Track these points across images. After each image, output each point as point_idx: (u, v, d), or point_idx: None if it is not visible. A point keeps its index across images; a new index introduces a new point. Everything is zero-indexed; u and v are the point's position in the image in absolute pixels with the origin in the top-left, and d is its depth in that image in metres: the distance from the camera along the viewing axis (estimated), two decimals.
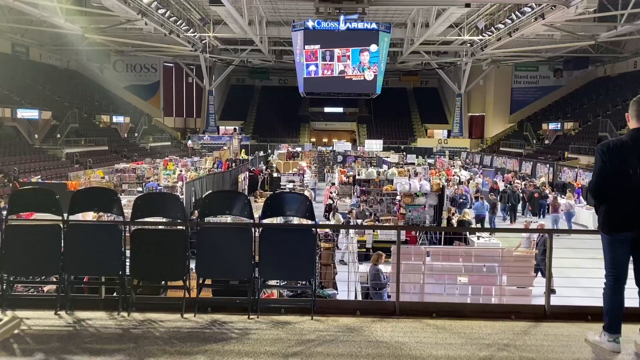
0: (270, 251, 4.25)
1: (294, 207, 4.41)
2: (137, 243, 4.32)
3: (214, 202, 4.46)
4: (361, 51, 29.47)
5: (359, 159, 32.81)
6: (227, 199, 4.64)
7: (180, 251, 4.28)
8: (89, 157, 33.39)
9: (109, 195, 4.47)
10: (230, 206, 4.47)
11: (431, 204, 15.01)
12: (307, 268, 4.28)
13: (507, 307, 4.66)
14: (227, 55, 51.48)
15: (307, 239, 4.25)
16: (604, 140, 4.18)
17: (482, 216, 18.81)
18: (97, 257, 4.27)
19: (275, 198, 4.41)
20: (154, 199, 4.68)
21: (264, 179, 23.73)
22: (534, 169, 31.22)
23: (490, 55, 48.83)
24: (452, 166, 35.06)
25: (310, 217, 4.30)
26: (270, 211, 4.41)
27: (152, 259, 4.29)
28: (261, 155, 36.67)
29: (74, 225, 4.34)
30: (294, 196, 4.46)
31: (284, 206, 4.45)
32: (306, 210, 4.33)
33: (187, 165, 31.86)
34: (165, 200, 4.65)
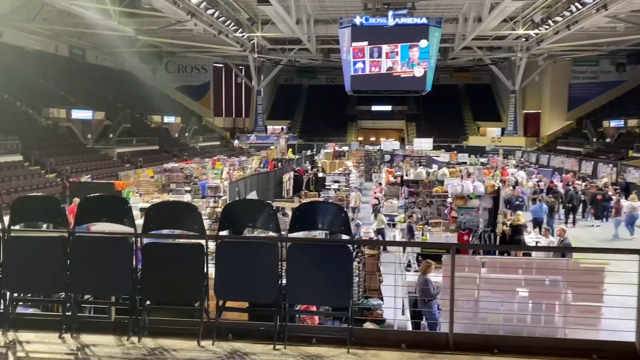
0: (300, 270, 3.73)
1: (327, 220, 3.84)
2: (149, 259, 3.88)
3: (236, 212, 3.99)
4: (410, 47, 28.59)
5: (408, 159, 31.92)
6: (250, 209, 4.11)
7: (198, 269, 3.80)
8: (140, 157, 33.97)
9: (119, 203, 4.04)
10: (254, 217, 3.97)
11: (485, 206, 14.06)
12: (342, 291, 3.70)
13: (586, 343, 3.93)
14: (275, 54, 51.57)
15: (343, 257, 3.69)
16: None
17: (540, 219, 17.66)
18: (105, 274, 3.86)
19: (306, 209, 3.85)
20: (168, 209, 4.21)
21: (309, 179, 23.31)
22: (595, 168, 29.41)
23: (546, 50, 46.73)
24: (507, 166, 33.59)
25: (346, 231, 3.72)
26: (299, 224, 3.87)
27: (166, 277, 3.84)
28: (307, 154, 36.32)
29: (80, 237, 3.93)
30: (328, 207, 3.89)
31: (316, 218, 3.87)
32: (342, 223, 3.75)
33: (234, 164, 31.85)
34: (181, 211, 4.12)
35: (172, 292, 3.90)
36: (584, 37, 41.62)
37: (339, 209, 3.85)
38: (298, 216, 3.88)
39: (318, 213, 3.93)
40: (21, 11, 33.20)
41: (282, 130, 55.98)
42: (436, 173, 16.55)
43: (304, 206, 4.11)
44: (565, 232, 13.11)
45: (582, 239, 18.66)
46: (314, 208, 4.01)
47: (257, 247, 3.91)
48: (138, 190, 22.45)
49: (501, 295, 7.39)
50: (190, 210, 3.98)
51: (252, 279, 3.77)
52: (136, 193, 21.32)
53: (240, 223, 4.19)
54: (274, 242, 3.77)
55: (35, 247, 3.90)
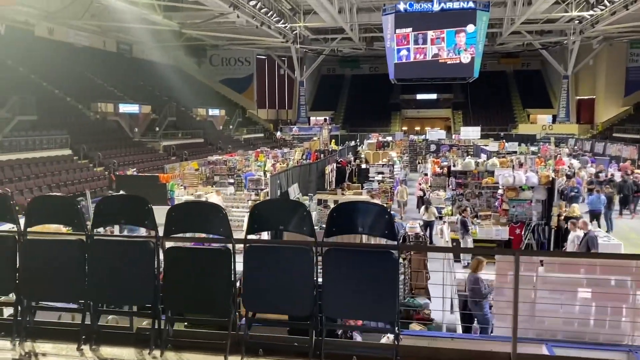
0: (337, 280, 3.33)
1: (368, 222, 3.41)
2: (172, 264, 3.57)
3: (265, 212, 3.60)
4: (457, 32, 27.64)
5: (454, 148, 30.96)
6: (281, 210, 3.72)
7: (225, 277, 3.46)
8: (185, 150, 34.37)
9: (139, 204, 3.69)
10: (286, 219, 3.57)
11: (539, 198, 13.31)
12: (387, 304, 3.29)
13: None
14: (317, 45, 51.17)
15: (388, 265, 3.27)
16: None
17: (598, 211, 16.60)
18: (124, 281, 3.58)
19: (343, 210, 3.38)
20: (191, 210, 3.79)
21: (352, 170, 22.85)
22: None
23: (602, 32, 44.37)
24: (559, 154, 32.13)
25: (390, 235, 3.30)
26: (336, 227, 3.44)
27: (190, 285, 3.53)
28: (350, 145, 35.83)
29: (98, 241, 3.67)
30: (369, 207, 3.41)
31: (356, 220, 3.41)
32: (385, 226, 3.32)
33: (277, 156, 31.78)
34: (205, 212, 3.72)
35: (196, 302, 3.59)
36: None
37: (382, 210, 3.44)
38: (335, 218, 3.44)
39: (358, 214, 3.42)
40: (70, 9, 34.01)
41: (325, 121, 55.62)
42: (485, 163, 15.85)
43: (342, 207, 3.51)
44: (587, 225, 12.05)
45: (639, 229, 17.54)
46: (353, 208, 3.46)
47: (290, 252, 3.51)
48: (182, 183, 22.65)
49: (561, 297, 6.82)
50: (215, 211, 3.58)
51: (285, 288, 3.41)
52: (181, 186, 21.49)
53: (271, 225, 3.81)
54: (308, 247, 3.39)
55: (51, 251, 3.68)
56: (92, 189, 21.94)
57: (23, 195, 18.76)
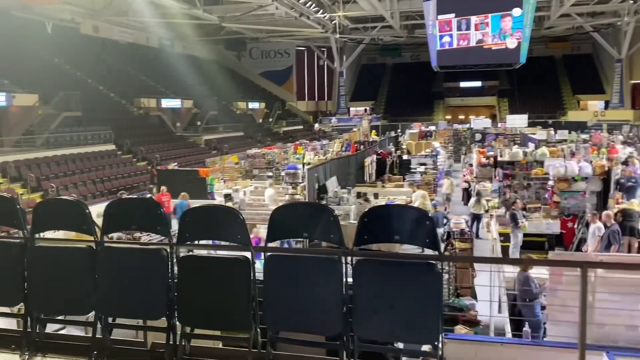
0: (370, 295, 2.92)
1: (406, 229, 2.94)
2: (186, 275, 3.25)
3: (287, 218, 3.20)
4: (502, 17, 26.47)
5: (500, 137, 29.84)
6: (305, 215, 3.28)
7: (244, 289, 3.11)
8: (226, 143, 34.53)
9: (150, 208, 3.40)
10: (310, 226, 3.15)
11: (593, 190, 12.49)
12: (428, 325, 2.85)
13: None
14: (357, 34, 50.43)
15: (429, 279, 2.83)
16: None
17: None
18: (135, 292, 3.28)
19: (376, 214, 3.02)
20: (206, 215, 3.40)
21: (392, 161, 22.26)
22: None
23: None
24: (613, 142, 30.47)
25: (432, 244, 2.85)
26: (368, 234, 3.00)
27: (207, 297, 3.21)
28: (391, 136, 35.13)
29: (108, 249, 3.38)
30: (407, 212, 2.99)
31: (391, 227, 2.95)
32: (426, 234, 2.85)
33: (316, 148, 31.47)
34: (221, 217, 3.32)
35: (213, 316, 3.25)
36: None
37: (422, 215, 2.95)
38: (367, 224, 2.98)
39: (393, 220, 2.95)
40: (114, 6, 34.60)
41: (365, 111, 54.92)
42: (534, 153, 15.09)
43: (375, 211, 3.07)
44: (610, 217, 11.10)
45: None
46: (388, 213, 3.01)
47: (315, 263, 3.10)
48: (222, 177, 22.67)
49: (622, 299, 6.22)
50: (232, 216, 3.22)
51: (310, 303, 3.03)
52: (220, 179, 21.50)
53: (293, 233, 3.43)
54: (336, 258, 2.97)
55: (59, 259, 3.42)
56: (135, 183, 22.24)
57: (68, 190, 19.15)
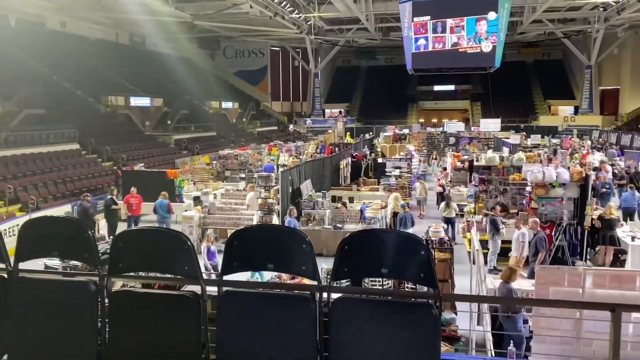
0: (351, 342, 2.37)
1: (394, 260, 2.34)
2: (120, 315, 2.63)
3: (249, 244, 2.53)
4: (477, 20, 26.43)
5: (474, 141, 29.85)
6: (271, 240, 2.57)
7: (193, 334, 2.52)
8: (197, 144, 33.71)
9: (75, 230, 2.71)
10: (278, 254, 2.50)
11: (570, 196, 12.30)
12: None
13: None
14: (332, 35, 50.14)
15: (424, 324, 2.29)
16: None
17: (633, 209, 15.50)
18: (56, 335, 2.64)
19: (359, 241, 2.41)
20: (146, 241, 2.68)
21: (367, 164, 21.93)
22: None
23: (627, 20, 42.72)
24: (582, 147, 30.83)
25: (427, 280, 2.30)
26: (349, 266, 2.40)
27: (145, 343, 2.59)
28: (366, 138, 34.86)
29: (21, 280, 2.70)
30: (397, 238, 2.39)
31: (376, 257, 2.35)
32: (420, 266, 2.29)
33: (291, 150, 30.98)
34: (165, 244, 2.61)
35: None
36: None
37: (416, 243, 2.34)
38: (347, 253, 2.37)
39: (380, 248, 2.34)
40: (83, 1, 33.46)
41: (340, 113, 54.64)
42: (511, 158, 14.86)
43: (358, 237, 2.44)
44: (537, 224, 11.09)
45: None
46: (374, 240, 2.38)
47: (283, 301, 2.49)
48: (192, 178, 21.97)
49: None
50: (178, 242, 2.51)
51: (275, 352, 2.44)
52: (190, 181, 20.80)
53: (256, 263, 2.67)
54: (309, 295, 2.41)
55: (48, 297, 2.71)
56: (100, 184, 21.35)
57: (27, 192, 18.19)
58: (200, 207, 15.53)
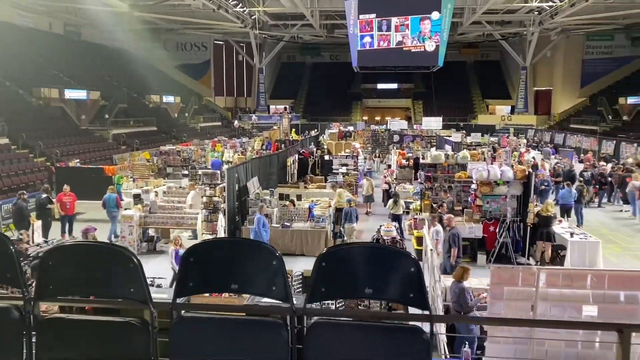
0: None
1: (379, 278, 2.04)
2: (51, 347, 2.18)
3: (209, 261, 2.14)
4: (421, 19, 26.84)
5: (418, 139, 30.35)
6: (235, 256, 2.15)
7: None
8: (137, 139, 32.49)
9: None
10: (243, 272, 2.13)
11: (514, 193, 12.62)
12: None
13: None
14: (277, 31, 49.63)
15: (413, 350, 1.99)
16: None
17: (569, 205, 16.15)
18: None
19: (339, 257, 2.09)
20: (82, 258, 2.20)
21: (314, 161, 21.79)
22: (617, 148, 27.79)
23: (560, 23, 44.69)
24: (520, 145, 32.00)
25: (417, 300, 2.02)
26: (327, 286, 2.08)
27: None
28: (311, 135, 34.76)
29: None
30: (383, 254, 2.09)
31: (359, 275, 2.06)
32: (409, 286, 2.02)
33: (236, 146, 30.44)
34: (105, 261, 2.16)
35: None
36: (601, 9, 39.59)
37: (404, 258, 2.04)
38: (325, 271, 2.06)
39: (364, 265, 2.05)
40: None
41: (285, 109, 54.30)
42: (456, 156, 15.10)
43: (337, 253, 2.11)
44: (452, 220, 11.15)
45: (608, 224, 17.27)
46: (356, 255, 2.07)
47: (250, 328, 2.11)
48: (132, 175, 21.10)
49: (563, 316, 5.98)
50: (123, 259, 2.08)
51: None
52: (129, 178, 19.94)
53: (218, 283, 2.22)
54: (280, 321, 2.09)
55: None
56: (31, 181, 20.12)
57: None
58: (141, 205, 14.88)
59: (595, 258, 12.08)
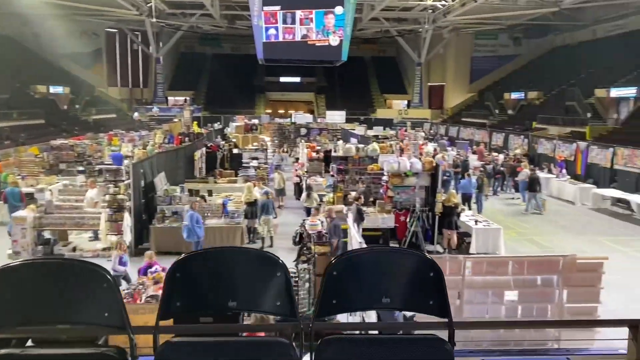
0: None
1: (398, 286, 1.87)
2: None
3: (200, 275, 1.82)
4: (326, 13, 26.83)
5: (324, 132, 30.67)
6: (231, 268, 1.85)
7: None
8: (22, 132, 29.78)
9: None
10: (241, 286, 1.85)
11: (422, 184, 13.14)
12: None
13: None
14: (175, 20, 47.71)
15: (441, 357, 1.79)
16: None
17: (469, 195, 17.16)
18: None
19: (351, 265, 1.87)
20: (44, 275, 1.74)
21: (223, 155, 21.24)
22: (506, 140, 29.98)
23: (451, 22, 47.25)
24: (417, 138, 33.49)
25: (438, 307, 1.87)
26: (339, 297, 1.85)
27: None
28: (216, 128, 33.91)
29: None
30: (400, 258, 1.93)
31: (374, 283, 1.85)
32: (430, 292, 1.86)
33: (134, 140, 28.97)
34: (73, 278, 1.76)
35: None
36: (487, 10, 42.43)
37: (424, 262, 1.87)
38: (336, 281, 1.83)
39: (380, 272, 1.84)
40: None
41: (186, 101, 52.51)
42: (366, 149, 15.42)
43: (349, 260, 1.88)
44: (333, 212, 11.25)
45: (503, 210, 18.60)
46: (371, 263, 1.87)
47: (249, 351, 1.80)
48: (20, 172, 19.33)
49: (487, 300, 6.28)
50: (91, 277, 1.72)
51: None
52: (17, 175, 18.21)
53: (212, 301, 1.86)
54: (287, 341, 1.80)
55: None
56: None
57: None
58: (35, 205, 13.65)
59: (498, 243, 12.94)
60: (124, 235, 12.42)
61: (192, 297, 1.84)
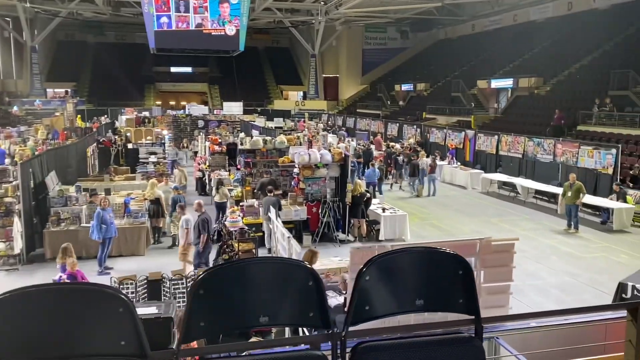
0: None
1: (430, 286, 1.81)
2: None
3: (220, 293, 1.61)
4: (220, 2, 26.38)
5: (223, 124, 29.94)
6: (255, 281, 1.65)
7: None
8: None
9: None
10: (270, 300, 1.66)
11: (332, 175, 13.27)
12: None
13: None
14: (51, 5, 43.95)
15: (475, 356, 1.77)
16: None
17: (374, 183, 17.70)
18: None
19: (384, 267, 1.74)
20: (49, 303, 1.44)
21: (117, 151, 19.95)
22: (400, 130, 31.25)
23: (343, 14, 48.20)
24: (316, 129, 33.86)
25: (467, 306, 1.86)
26: (371, 303, 1.73)
27: None
28: (104, 122, 31.78)
29: None
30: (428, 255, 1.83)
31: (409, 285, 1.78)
32: (460, 290, 1.82)
33: (11, 136, 26.37)
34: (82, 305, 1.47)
35: None
36: (377, 3, 43.88)
37: (454, 260, 1.82)
38: (369, 286, 1.72)
39: (413, 272, 1.77)
40: None
41: (67, 93, 48.74)
42: (274, 141, 15.27)
43: (381, 264, 1.75)
44: (202, 206, 10.82)
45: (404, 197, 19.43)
46: (403, 264, 1.78)
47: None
48: None
49: None
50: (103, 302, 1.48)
51: None
52: None
53: (237, 316, 1.67)
54: (320, 354, 1.68)
55: None
56: None
57: None
58: None
59: (404, 229, 13.45)
60: (14, 242, 11.20)
61: (219, 315, 1.65)
